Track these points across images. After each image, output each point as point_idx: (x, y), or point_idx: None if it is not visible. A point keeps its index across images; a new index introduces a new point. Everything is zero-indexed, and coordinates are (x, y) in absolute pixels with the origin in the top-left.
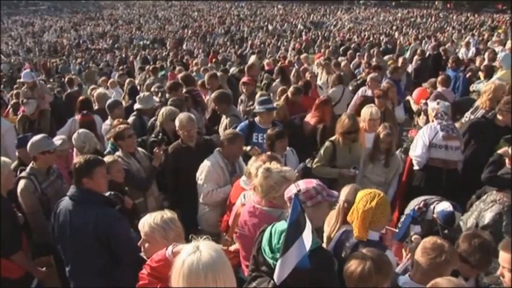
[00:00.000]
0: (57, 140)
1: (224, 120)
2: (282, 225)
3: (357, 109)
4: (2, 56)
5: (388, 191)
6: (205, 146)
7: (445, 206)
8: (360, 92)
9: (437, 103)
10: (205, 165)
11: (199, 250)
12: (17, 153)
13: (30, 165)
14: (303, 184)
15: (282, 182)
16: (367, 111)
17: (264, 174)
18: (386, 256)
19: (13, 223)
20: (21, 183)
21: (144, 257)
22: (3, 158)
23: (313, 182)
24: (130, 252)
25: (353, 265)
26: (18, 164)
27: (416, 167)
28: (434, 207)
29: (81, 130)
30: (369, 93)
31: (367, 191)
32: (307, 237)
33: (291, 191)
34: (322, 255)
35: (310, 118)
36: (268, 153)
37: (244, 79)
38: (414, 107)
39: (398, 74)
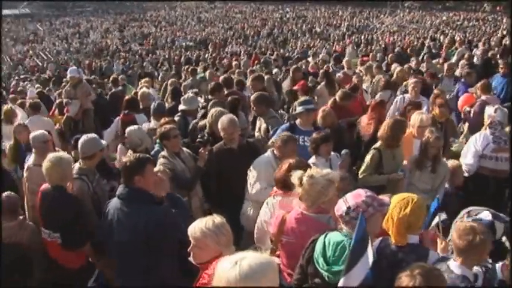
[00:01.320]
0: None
1: (262, 124)
2: (336, 236)
3: (401, 115)
4: (48, 55)
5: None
6: (248, 148)
7: (485, 215)
8: (397, 99)
9: (495, 110)
10: (257, 163)
11: (238, 263)
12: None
13: (78, 165)
14: (352, 199)
15: (328, 185)
16: (417, 117)
17: (309, 181)
18: (438, 270)
19: (78, 214)
20: (75, 185)
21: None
22: (61, 153)
23: (361, 196)
24: (179, 251)
25: (404, 281)
26: None
27: (465, 174)
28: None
29: (136, 127)
30: (407, 98)
31: (401, 197)
32: (370, 252)
33: (340, 208)
34: (377, 269)
35: (368, 120)
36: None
37: (296, 87)
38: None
39: (471, 77)
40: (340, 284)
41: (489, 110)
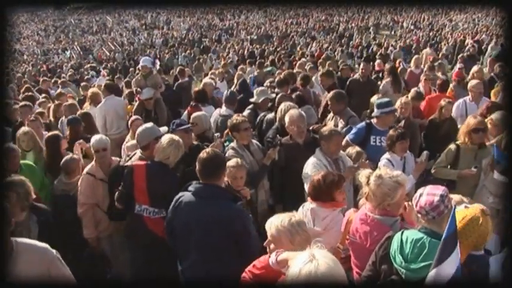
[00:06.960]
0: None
1: (338, 122)
2: (414, 233)
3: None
4: (117, 46)
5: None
6: (314, 144)
7: None
8: (459, 102)
9: None
10: (310, 163)
11: (316, 259)
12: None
13: (139, 154)
14: (438, 191)
15: (396, 187)
16: (496, 116)
17: (376, 182)
18: None
19: None
20: None
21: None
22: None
23: (441, 189)
24: (253, 247)
25: None
26: None
27: None
28: None
29: (202, 113)
30: (468, 101)
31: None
32: (458, 247)
33: (427, 202)
34: None
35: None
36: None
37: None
38: None
39: None
40: (430, 277)
41: None
